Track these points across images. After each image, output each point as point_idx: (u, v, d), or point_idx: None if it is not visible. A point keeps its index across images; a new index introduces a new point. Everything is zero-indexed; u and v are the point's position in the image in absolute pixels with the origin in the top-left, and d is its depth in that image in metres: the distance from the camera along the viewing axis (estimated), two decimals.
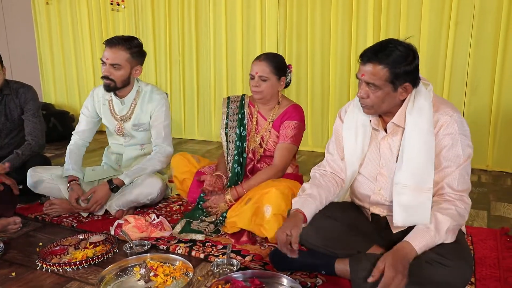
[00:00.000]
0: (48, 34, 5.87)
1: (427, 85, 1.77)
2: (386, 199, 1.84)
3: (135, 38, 2.68)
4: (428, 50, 3.81)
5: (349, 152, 1.93)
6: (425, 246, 1.61)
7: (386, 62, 1.65)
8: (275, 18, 4.46)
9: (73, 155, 2.81)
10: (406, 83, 1.68)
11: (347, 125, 1.93)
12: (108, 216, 2.66)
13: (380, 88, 1.68)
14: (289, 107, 2.48)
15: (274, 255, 1.97)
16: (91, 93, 2.87)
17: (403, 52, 1.65)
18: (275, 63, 2.42)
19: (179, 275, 1.89)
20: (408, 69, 1.65)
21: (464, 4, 3.60)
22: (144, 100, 2.76)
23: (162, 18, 5.09)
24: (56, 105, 5.90)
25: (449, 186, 1.68)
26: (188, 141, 5.16)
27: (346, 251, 1.83)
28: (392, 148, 1.80)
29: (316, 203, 1.84)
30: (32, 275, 1.98)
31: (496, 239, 2.29)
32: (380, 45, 1.70)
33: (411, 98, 1.73)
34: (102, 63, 2.62)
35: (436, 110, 1.72)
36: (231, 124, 2.57)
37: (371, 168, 1.88)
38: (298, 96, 4.50)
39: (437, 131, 1.70)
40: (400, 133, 1.77)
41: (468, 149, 1.71)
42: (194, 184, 2.57)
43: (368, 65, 1.68)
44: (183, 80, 5.16)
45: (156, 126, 2.76)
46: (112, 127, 2.83)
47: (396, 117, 1.76)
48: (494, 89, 3.61)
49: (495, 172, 3.70)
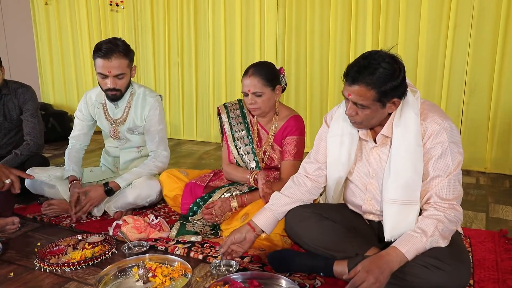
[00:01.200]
0: (47, 34, 5.87)
1: (414, 92, 1.75)
2: (377, 209, 1.86)
3: (119, 39, 2.56)
4: (427, 52, 3.82)
5: (333, 159, 1.94)
6: (415, 250, 1.61)
7: (371, 82, 1.61)
8: (274, 20, 4.46)
9: (72, 157, 2.79)
10: (394, 99, 1.66)
11: (333, 132, 1.93)
12: (107, 216, 2.65)
13: (368, 107, 1.67)
14: (290, 120, 2.43)
15: (273, 256, 1.97)
16: (84, 96, 2.82)
17: (387, 69, 1.61)
18: (266, 74, 2.32)
19: (177, 276, 1.88)
20: (395, 84, 1.62)
21: (463, 7, 3.61)
22: (138, 103, 2.72)
23: (161, 19, 5.10)
24: (54, 105, 5.90)
25: (438, 196, 1.67)
26: (187, 142, 5.15)
27: (345, 253, 1.83)
28: (382, 159, 1.81)
29: (276, 206, 1.98)
30: (30, 276, 1.98)
31: (495, 241, 2.30)
32: (363, 62, 1.64)
33: (398, 110, 1.72)
34: (103, 77, 2.51)
35: (424, 118, 1.70)
36: (237, 136, 2.50)
37: (361, 177, 1.89)
38: (297, 98, 4.51)
39: (425, 140, 1.69)
40: (389, 144, 1.77)
41: (459, 157, 1.70)
42: (186, 195, 2.49)
43: (354, 86, 1.65)
44: (182, 81, 5.16)
45: (150, 131, 2.73)
46: (107, 130, 2.81)
47: (385, 128, 1.75)
48: (493, 91, 3.62)
49: (493, 174, 3.71)
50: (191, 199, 2.46)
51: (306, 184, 2.04)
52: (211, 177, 2.64)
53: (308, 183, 2.04)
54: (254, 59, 4.54)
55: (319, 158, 2.02)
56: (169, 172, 2.63)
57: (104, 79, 2.52)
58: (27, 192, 2.78)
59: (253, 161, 2.46)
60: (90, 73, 5.71)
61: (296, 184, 2.06)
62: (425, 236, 1.62)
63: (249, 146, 2.47)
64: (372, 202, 1.88)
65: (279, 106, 2.48)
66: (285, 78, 2.47)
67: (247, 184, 2.41)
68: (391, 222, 1.73)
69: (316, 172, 2.03)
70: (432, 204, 1.68)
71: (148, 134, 2.75)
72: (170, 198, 2.59)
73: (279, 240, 2.13)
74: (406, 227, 1.69)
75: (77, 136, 2.85)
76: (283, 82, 2.45)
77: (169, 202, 2.63)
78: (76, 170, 2.73)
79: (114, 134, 2.79)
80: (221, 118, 2.57)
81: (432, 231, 1.62)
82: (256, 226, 1.94)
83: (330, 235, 1.88)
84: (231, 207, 2.32)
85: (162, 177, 2.62)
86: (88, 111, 2.81)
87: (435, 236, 1.62)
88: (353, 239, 1.86)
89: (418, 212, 1.71)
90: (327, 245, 1.87)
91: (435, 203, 1.67)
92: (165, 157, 2.76)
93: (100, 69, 2.49)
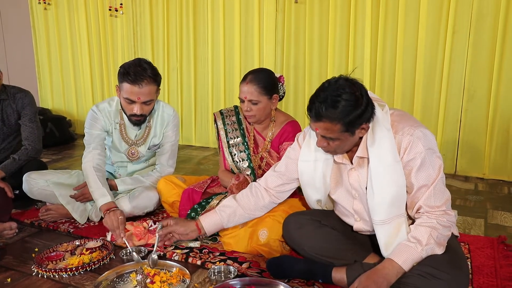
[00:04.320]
0: (46, 39, 5.88)
1: (382, 106, 1.73)
2: (368, 229, 1.87)
3: (145, 61, 2.43)
4: (426, 58, 3.83)
5: (306, 182, 1.95)
6: (411, 260, 1.61)
7: (335, 117, 1.59)
8: (273, 26, 4.47)
9: (102, 178, 2.49)
10: (362, 125, 1.65)
11: (304, 157, 1.93)
12: None
13: (337, 139, 1.66)
14: (287, 126, 2.43)
15: (271, 263, 1.97)
16: (96, 111, 2.60)
17: (349, 100, 1.58)
18: (264, 82, 2.32)
19: (175, 282, 1.88)
20: (360, 112, 1.60)
21: (461, 12, 3.63)
22: (157, 121, 2.68)
23: (161, 24, 5.11)
24: (53, 110, 5.89)
25: (427, 205, 1.67)
26: (186, 147, 5.15)
27: (343, 260, 1.83)
28: (361, 179, 1.79)
29: (225, 214, 2.07)
30: (27, 281, 1.97)
31: (494, 247, 2.29)
32: (323, 96, 1.61)
33: (369, 131, 1.70)
34: (129, 102, 2.41)
35: (395, 131, 1.69)
36: (232, 142, 2.50)
37: (345, 199, 1.88)
38: (295, 104, 4.51)
39: (402, 154, 1.67)
40: (367, 163, 1.75)
41: (438, 161, 1.69)
42: (184, 201, 2.49)
43: (319, 122, 1.64)
44: (181, 86, 5.17)
45: (164, 145, 2.72)
46: (122, 150, 2.71)
47: (360, 150, 1.74)
48: (491, 97, 3.63)
49: (492, 180, 3.71)
50: (189, 205, 2.45)
51: (264, 198, 2.05)
52: (209, 183, 2.64)
53: (266, 198, 2.05)
54: (253, 65, 4.55)
55: (287, 176, 2.01)
56: (167, 179, 2.62)
57: (130, 104, 2.42)
58: (25, 197, 2.77)
59: (248, 168, 2.46)
60: (89, 78, 5.71)
61: (254, 195, 2.06)
62: (420, 245, 1.61)
63: (245, 153, 2.47)
64: (361, 222, 1.88)
65: (276, 113, 2.48)
66: (283, 86, 2.47)
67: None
68: (385, 240, 1.73)
69: (278, 188, 2.04)
70: (424, 214, 1.68)
71: (161, 147, 2.74)
72: (168, 204, 2.58)
73: (278, 246, 2.12)
74: (399, 239, 1.69)
75: (95, 147, 2.59)
76: (281, 91, 2.44)
77: (167, 208, 2.63)
78: (110, 194, 2.45)
79: (133, 155, 2.71)
80: (217, 124, 2.58)
81: (426, 240, 1.62)
82: (203, 228, 2.09)
83: (329, 242, 1.88)
84: None
85: (160, 183, 2.60)
86: (106, 124, 2.63)
87: (431, 244, 1.62)
88: (351, 246, 1.86)
89: (406, 220, 1.71)
90: (325, 252, 1.86)
91: (426, 212, 1.67)
92: (170, 173, 2.74)
93: (128, 95, 2.38)
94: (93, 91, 5.76)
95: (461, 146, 3.81)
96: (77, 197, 2.57)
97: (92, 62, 5.67)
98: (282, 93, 2.46)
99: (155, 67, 2.46)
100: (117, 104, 2.65)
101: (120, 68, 2.41)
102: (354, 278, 1.70)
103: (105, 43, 5.53)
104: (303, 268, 1.89)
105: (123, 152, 2.72)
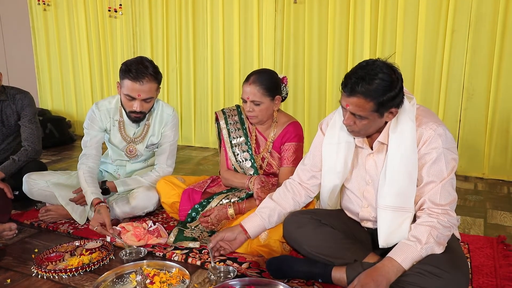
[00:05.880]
0: (46, 40, 5.88)
1: (410, 98, 1.75)
2: (374, 216, 1.87)
3: (147, 59, 2.46)
4: (425, 58, 3.83)
5: (328, 167, 1.96)
6: (411, 259, 1.62)
7: (369, 94, 1.61)
8: (272, 26, 4.48)
9: (91, 179, 2.54)
10: (392, 108, 1.67)
11: (329, 140, 1.94)
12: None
13: (366, 118, 1.67)
14: (289, 126, 2.43)
15: (271, 263, 1.97)
16: (94, 111, 2.64)
17: (386, 80, 1.60)
18: (267, 84, 2.31)
19: (175, 282, 1.88)
20: (393, 94, 1.62)
21: (460, 13, 3.63)
22: (156, 120, 2.70)
23: (160, 25, 5.11)
24: (52, 111, 5.90)
25: (431, 201, 1.68)
26: (185, 147, 5.15)
27: (343, 260, 1.83)
28: (378, 166, 1.81)
29: (265, 215, 2.05)
30: (27, 282, 1.96)
31: (493, 247, 2.30)
32: (361, 73, 1.62)
33: (394, 119, 1.72)
34: (130, 99, 2.44)
35: (419, 124, 1.71)
36: (235, 142, 2.50)
37: (358, 184, 1.90)
38: (295, 104, 4.51)
39: (420, 146, 1.70)
40: (385, 151, 1.78)
41: (452, 162, 1.70)
42: (184, 201, 2.49)
43: (352, 97, 1.64)
44: (180, 87, 5.17)
45: (163, 145, 2.73)
46: (120, 147, 2.74)
47: (382, 136, 1.76)
48: (490, 97, 3.64)
49: (491, 180, 3.71)
50: (189, 205, 2.46)
51: (300, 193, 2.06)
52: (209, 183, 2.64)
53: (302, 192, 2.06)
54: (252, 65, 4.56)
55: (314, 166, 2.03)
56: (166, 179, 2.62)
57: (130, 101, 2.45)
58: (25, 198, 2.77)
59: (252, 167, 2.46)
60: (89, 79, 5.72)
61: (290, 191, 2.07)
62: (419, 244, 1.62)
63: (248, 153, 2.47)
64: (368, 209, 1.89)
65: (278, 113, 2.48)
66: (287, 87, 2.46)
67: (245, 189, 2.41)
68: (385, 228, 1.74)
69: (310, 181, 2.05)
70: (426, 210, 1.68)
71: (159, 147, 2.75)
72: (168, 205, 2.58)
73: (278, 246, 2.12)
74: (400, 234, 1.70)
75: (94, 156, 2.64)
76: (284, 92, 2.44)
77: (167, 208, 2.62)
78: (98, 192, 2.50)
79: (131, 153, 2.73)
80: (219, 124, 2.57)
81: (426, 239, 1.62)
82: (247, 231, 2.06)
83: (329, 241, 1.88)
84: (227, 215, 2.33)
85: (160, 184, 2.60)
86: (104, 126, 2.67)
87: (430, 243, 1.62)
88: (351, 245, 1.86)
89: (411, 220, 1.72)
90: (325, 251, 1.86)
91: (428, 209, 1.68)
92: (169, 173, 2.75)
93: (129, 91, 2.41)
94: (92, 92, 5.76)
95: (460, 145, 3.81)
96: (77, 200, 2.57)
97: (91, 63, 5.68)
98: (285, 94, 2.46)
99: (156, 66, 2.49)
100: (117, 102, 2.67)
101: (122, 65, 2.44)
102: (354, 278, 1.70)
103: (104, 44, 5.53)
104: (303, 268, 1.89)
105: (121, 149, 2.73)
